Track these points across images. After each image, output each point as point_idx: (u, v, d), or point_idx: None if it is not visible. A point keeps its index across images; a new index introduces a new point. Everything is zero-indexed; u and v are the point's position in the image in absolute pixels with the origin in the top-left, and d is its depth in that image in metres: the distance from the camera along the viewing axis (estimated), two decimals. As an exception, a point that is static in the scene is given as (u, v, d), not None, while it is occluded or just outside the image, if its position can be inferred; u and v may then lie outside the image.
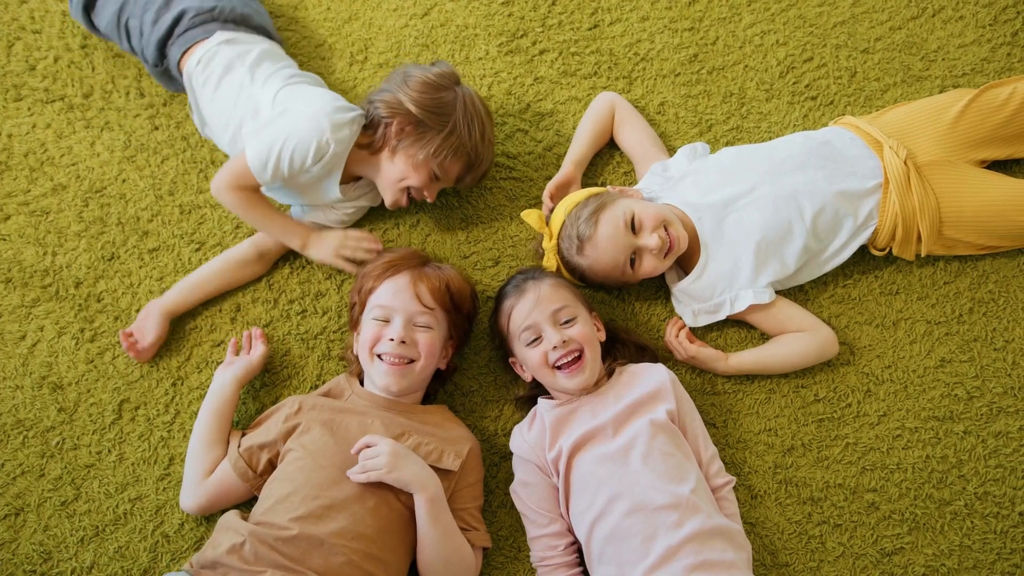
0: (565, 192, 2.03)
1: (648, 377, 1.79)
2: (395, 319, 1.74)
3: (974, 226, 1.93)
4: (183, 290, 1.97)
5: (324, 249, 1.97)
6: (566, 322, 1.76)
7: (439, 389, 1.93)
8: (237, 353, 1.93)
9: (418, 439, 1.69)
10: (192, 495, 1.75)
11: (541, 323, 1.74)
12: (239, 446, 1.73)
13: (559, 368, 1.73)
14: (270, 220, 1.95)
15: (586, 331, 1.76)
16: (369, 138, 1.94)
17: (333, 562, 1.51)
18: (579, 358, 1.73)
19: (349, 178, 2.01)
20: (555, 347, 1.72)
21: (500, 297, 1.85)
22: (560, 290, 1.79)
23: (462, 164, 1.94)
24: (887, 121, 2.00)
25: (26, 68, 2.23)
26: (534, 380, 1.83)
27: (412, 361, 1.73)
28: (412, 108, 1.87)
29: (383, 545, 1.58)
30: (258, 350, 1.90)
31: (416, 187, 1.94)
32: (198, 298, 1.98)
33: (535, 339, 1.75)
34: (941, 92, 2.22)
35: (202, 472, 1.74)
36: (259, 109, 1.96)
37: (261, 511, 1.59)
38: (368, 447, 1.62)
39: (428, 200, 1.98)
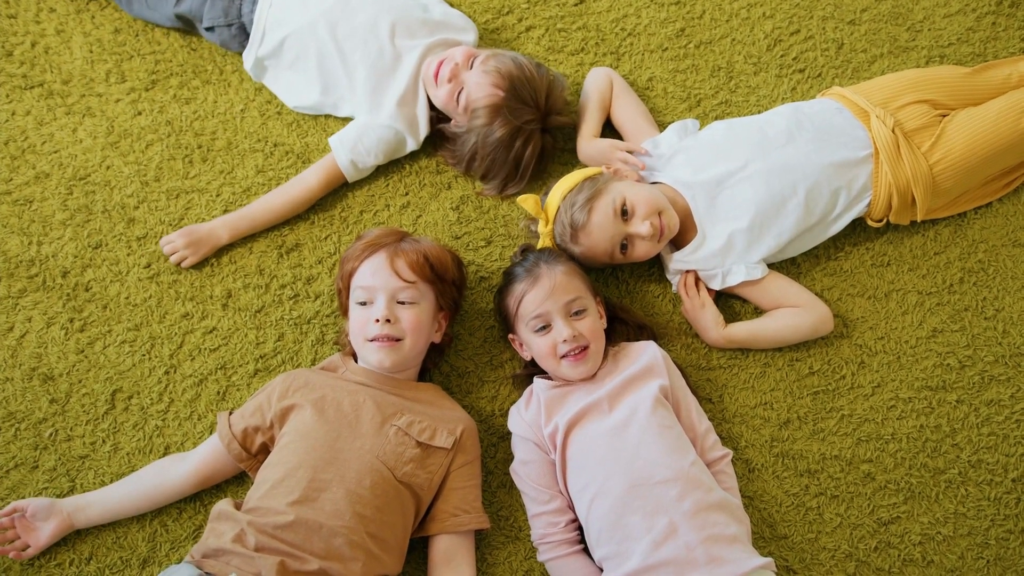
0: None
1: (641, 354, 1.80)
2: (378, 298, 1.72)
3: (968, 164, 1.92)
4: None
5: None
6: (576, 313, 1.75)
7: (436, 365, 1.93)
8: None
9: (411, 417, 1.68)
10: (179, 479, 1.75)
11: (553, 313, 1.73)
12: (230, 425, 1.72)
13: (563, 357, 1.73)
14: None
15: (595, 325, 1.76)
16: None
17: (334, 543, 1.51)
18: (584, 349, 1.73)
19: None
20: (565, 340, 1.71)
21: (510, 277, 1.83)
22: (573, 279, 1.78)
23: (493, 96, 1.98)
24: (874, 89, 2.00)
25: (3, 54, 2.19)
26: (532, 358, 1.83)
27: (400, 339, 1.73)
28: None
29: (381, 523, 1.58)
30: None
31: (445, 61, 2.02)
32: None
33: (544, 327, 1.75)
34: (928, 62, 2.23)
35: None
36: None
37: (257, 496, 1.58)
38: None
39: (442, 73, 2.03)
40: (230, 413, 1.75)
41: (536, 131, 2.04)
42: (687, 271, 1.95)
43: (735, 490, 1.73)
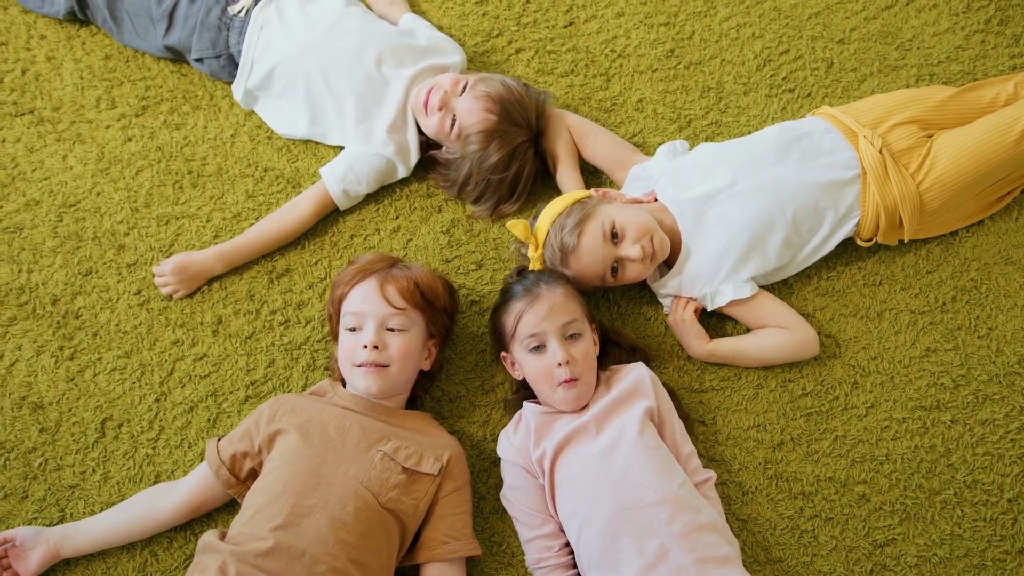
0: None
1: (628, 375, 1.79)
2: (367, 324, 1.72)
3: (954, 184, 1.91)
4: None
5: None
6: (572, 336, 1.74)
7: (426, 392, 1.92)
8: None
9: (397, 443, 1.67)
10: (169, 509, 1.73)
11: (549, 334, 1.72)
12: (218, 451, 1.71)
13: (560, 384, 1.71)
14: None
15: (588, 351, 1.74)
16: None
17: (316, 570, 1.49)
18: (574, 380, 1.71)
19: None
20: (560, 364, 1.70)
21: (508, 295, 1.81)
22: (571, 302, 1.77)
23: (486, 121, 1.99)
24: (863, 110, 2.00)
25: (-7, 82, 2.20)
26: (523, 379, 1.82)
27: (387, 366, 1.72)
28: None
29: (365, 550, 1.56)
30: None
31: (433, 90, 2.02)
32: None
33: (539, 347, 1.74)
34: (917, 81, 2.23)
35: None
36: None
37: (241, 523, 1.57)
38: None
39: (431, 101, 2.02)
40: (219, 440, 1.74)
41: (530, 151, 2.05)
42: (677, 296, 1.94)
43: (720, 514, 1.72)
